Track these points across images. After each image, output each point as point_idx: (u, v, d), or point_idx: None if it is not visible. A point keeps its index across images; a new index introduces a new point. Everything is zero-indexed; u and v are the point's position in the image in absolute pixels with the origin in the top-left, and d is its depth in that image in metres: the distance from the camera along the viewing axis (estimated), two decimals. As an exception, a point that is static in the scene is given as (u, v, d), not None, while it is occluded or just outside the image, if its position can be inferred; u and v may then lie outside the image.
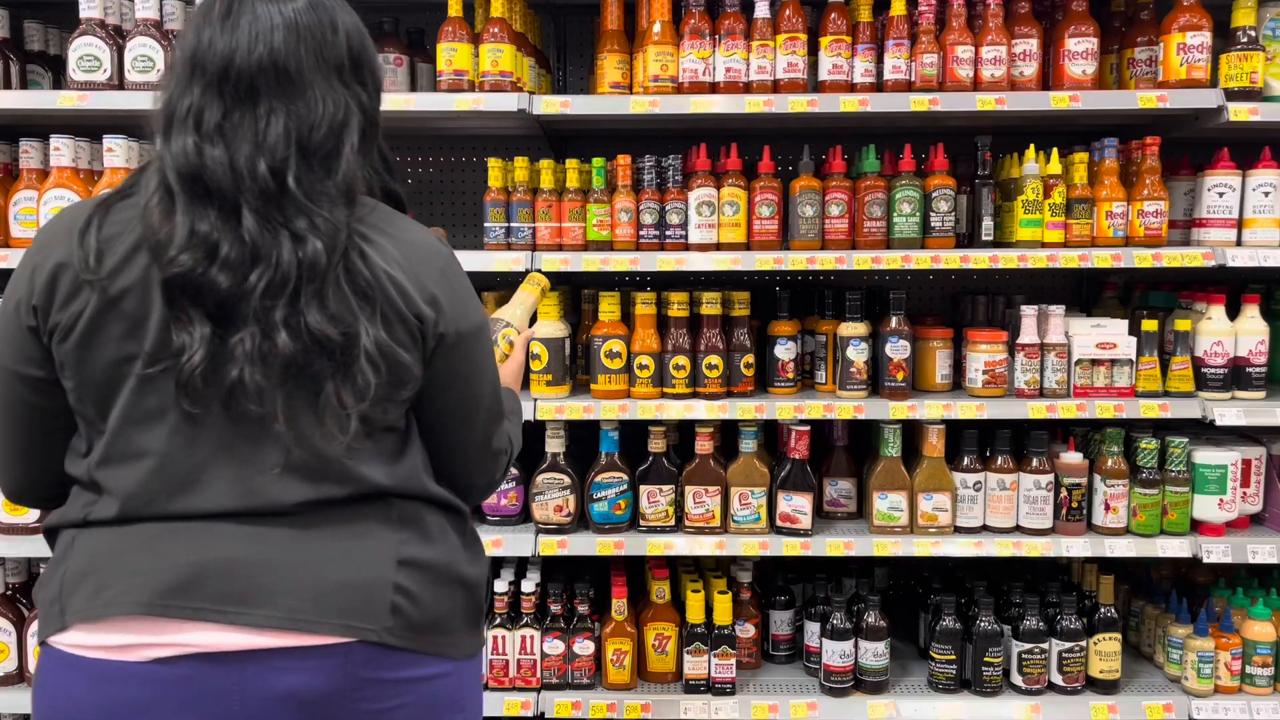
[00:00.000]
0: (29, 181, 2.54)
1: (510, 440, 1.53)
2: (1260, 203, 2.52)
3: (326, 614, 1.22)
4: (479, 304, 1.41)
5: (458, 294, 1.35)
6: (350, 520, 1.29)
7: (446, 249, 1.38)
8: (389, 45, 2.72)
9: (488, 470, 1.47)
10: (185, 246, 1.18)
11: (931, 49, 2.49)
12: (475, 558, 1.44)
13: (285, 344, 1.18)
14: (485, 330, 1.40)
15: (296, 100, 1.24)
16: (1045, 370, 2.55)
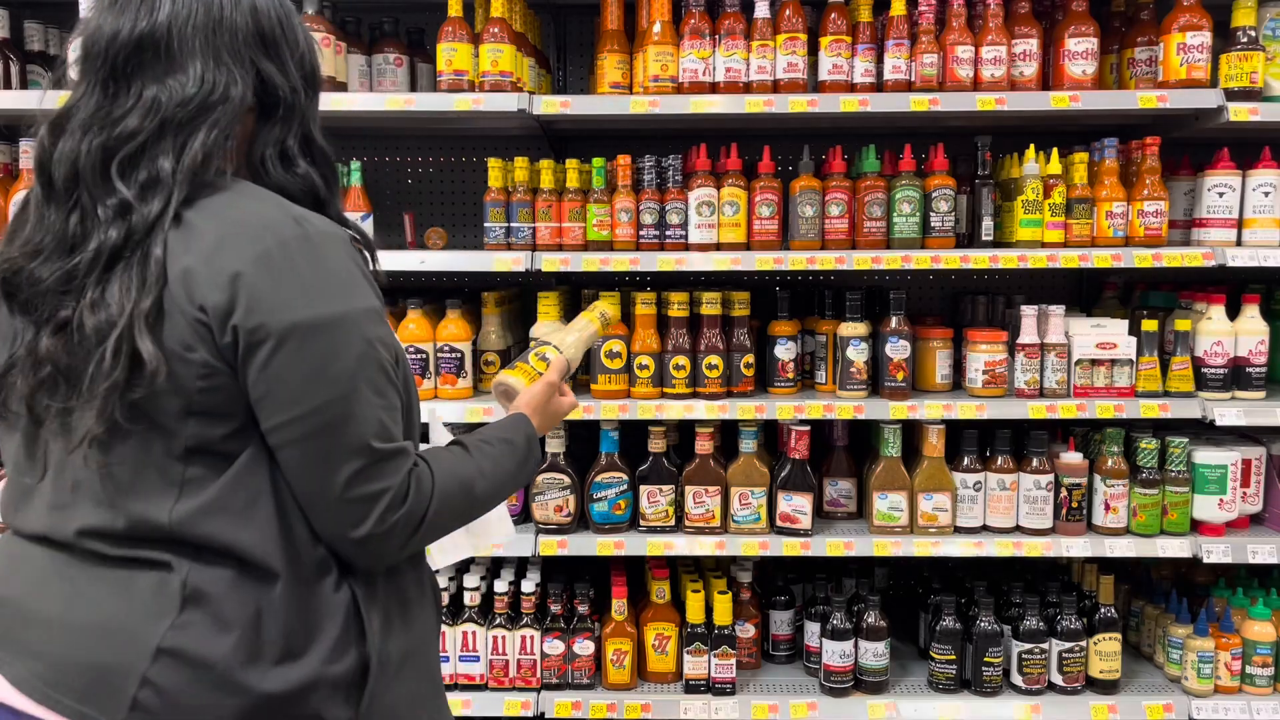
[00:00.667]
0: (29, 181, 2.54)
1: (432, 490, 1.20)
2: (1260, 203, 2.52)
3: (65, 692, 1.07)
4: (337, 297, 1.12)
5: (283, 280, 1.09)
6: (126, 571, 1.11)
7: (297, 229, 1.13)
8: (389, 45, 2.72)
9: (349, 519, 1.13)
10: (23, 244, 1.14)
11: (931, 49, 2.49)
12: (295, 661, 1.11)
13: (47, 344, 1.09)
14: (337, 329, 1.11)
15: (170, 77, 1.15)
16: (1045, 370, 2.55)
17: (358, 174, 2.56)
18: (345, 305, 1.13)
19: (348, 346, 1.12)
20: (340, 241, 1.18)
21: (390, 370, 1.18)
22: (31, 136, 1.22)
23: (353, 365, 1.12)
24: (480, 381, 2.67)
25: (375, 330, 1.17)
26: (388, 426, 1.16)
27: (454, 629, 2.55)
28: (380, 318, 1.18)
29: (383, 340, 1.17)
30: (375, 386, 1.15)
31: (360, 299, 1.16)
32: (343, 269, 1.15)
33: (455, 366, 2.57)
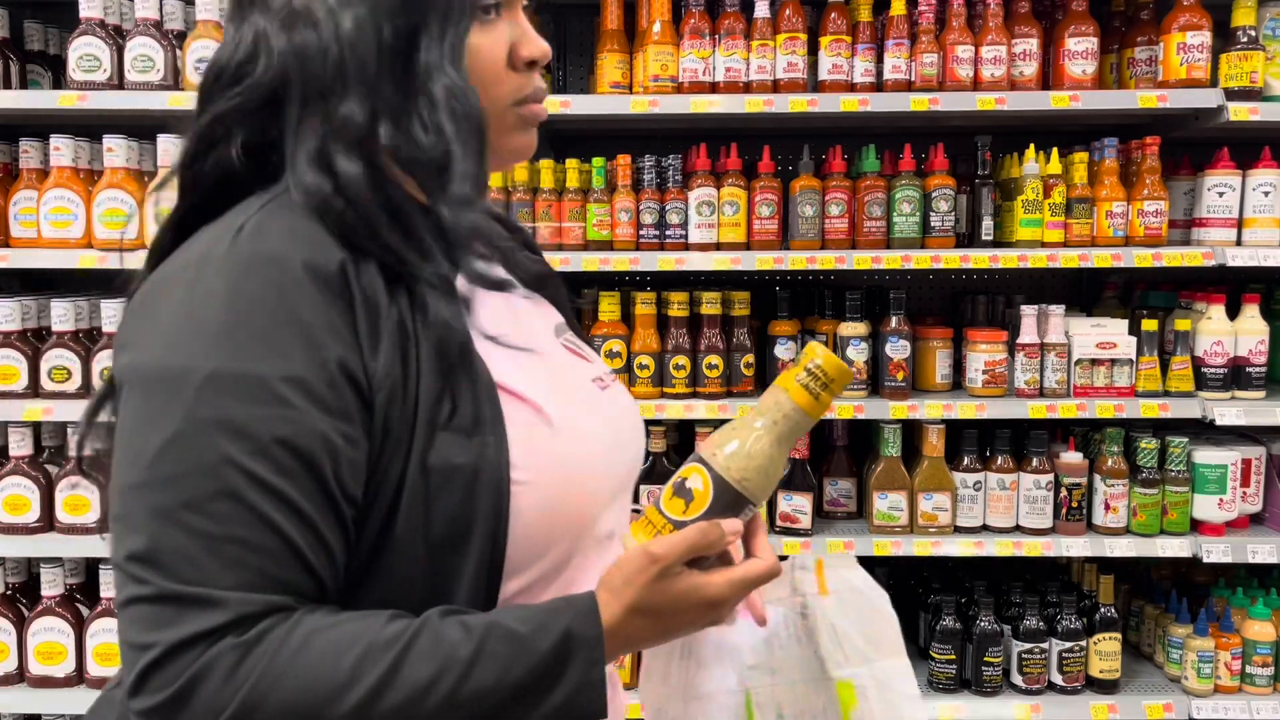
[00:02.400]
0: (29, 181, 2.54)
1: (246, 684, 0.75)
2: (1260, 202, 2.52)
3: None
4: (168, 342, 0.81)
5: (134, 320, 0.86)
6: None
7: (206, 260, 0.84)
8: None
9: (125, 669, 0.78)
10: None
11: (931, 49, 2.49)
12: None
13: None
14: (146, 381, 0.80)
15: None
16: (1045, 370, 2.55)
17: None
18: (164, 350, 0.80)
19: (164, 418, 0.78)
20: (270, 268, 0.82)
21: (245, 487, 0.77)
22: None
23: (142, 424, 0.79)
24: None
25: (230, 410, 0.77)
26: (190, 558, 0.76)
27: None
28: (268, 392, 0.78)
29: (254, 435, 0.77)
30: (180, 493, 0.76)
31: (225, 356, 0.78)
32: (239, 307, 0.80)
33: (455, 366, 2.57)
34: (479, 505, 0.85)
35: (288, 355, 0.79)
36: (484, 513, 0.86)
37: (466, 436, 0.86)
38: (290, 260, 0.82)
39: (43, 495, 2.52)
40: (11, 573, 2.61)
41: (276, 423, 0.78)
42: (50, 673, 2.52)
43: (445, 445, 0.85)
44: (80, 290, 2.78)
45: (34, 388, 2.53)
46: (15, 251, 2.50)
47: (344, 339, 0.83)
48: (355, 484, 0.83)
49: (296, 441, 0.78)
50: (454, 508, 0.85)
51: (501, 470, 0.86)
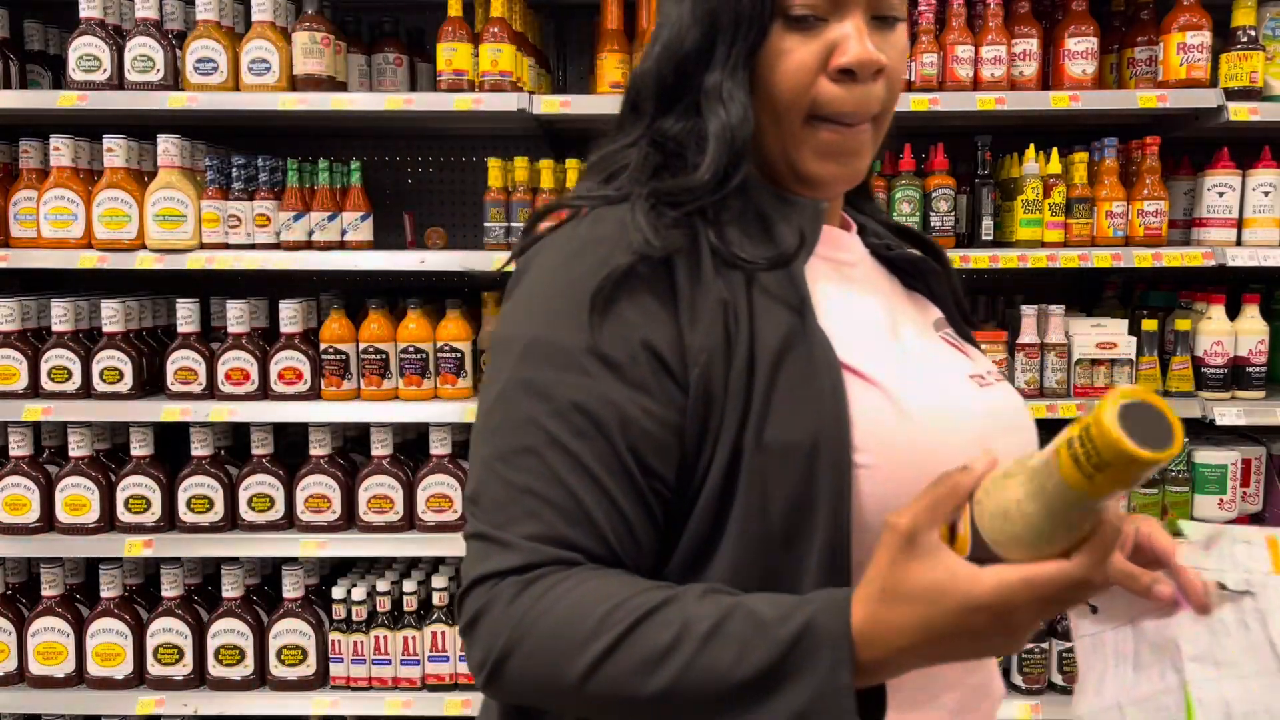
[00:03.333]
0: (29, 181, 2.54)
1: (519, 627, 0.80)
2: (1260, 202, 2.52)
3: None
4: (512, 313, 0.92)
5: (509, 287, 0.96)
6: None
7: (554, 243, 0.93)
8: (389, 45, 2.72)
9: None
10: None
11: (931, 48, 2.49)
12: None
13: None
14: (493, 347, 0.92)
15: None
16: (1045, 370, 2.55)
17: (357, 174, 2.57)
18: (518, 328, 0.88)
19: (496, 379, 0.88)
20: (596, 251, 0.88)
21: (543, 445, 0.82)
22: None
23: (488, 402, 0.88)
24: (480, 381, 2.66)
25: (538, 374, 0.84)
26: (499, 504, 0.83)
27: (454, 629, 2.55)
28: (572, 361, 0.84)
29: (554, 397, 0.83)
30: (497, 445, 0.85)
31: (542, 326, 0.86)
32: (562, 285, 0.87)
33: (455, 366, 2.57)
34: (820, 485, 0.82)
35: (595, 330, 0.84)
36: (825, 493, 0.82)
37: (804, 412, 0.83)
38: (616, 245, 0.87)
39: (42, 495, 2.52)
40: (11, 573, 2.61)
41: (574, 389, 0.83)
42: (50, 673, 2.52)
43: (782, 420, 0.83)
44: (80, 290, 2.78)
45: (34, 388, 2.53)
46: (15, 251, 2.50)
47: (657, 319, 0.85)
48: (659, 460, 0.83)
49: (589, 407, 0.82)
50: (793, 488, 0.82)
51: (843, 449, 0.82)
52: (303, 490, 2.55)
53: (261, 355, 2.53)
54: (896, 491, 0.81)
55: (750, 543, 0.83)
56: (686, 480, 0.85)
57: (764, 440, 0.82)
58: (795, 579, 0.82)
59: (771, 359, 0.84)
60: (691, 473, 0.84)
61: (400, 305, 2.65)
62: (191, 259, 2.48)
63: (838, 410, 0.83)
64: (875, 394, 0.86)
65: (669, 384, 0.83)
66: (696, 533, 0.84)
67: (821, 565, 0.82)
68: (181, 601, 2.53)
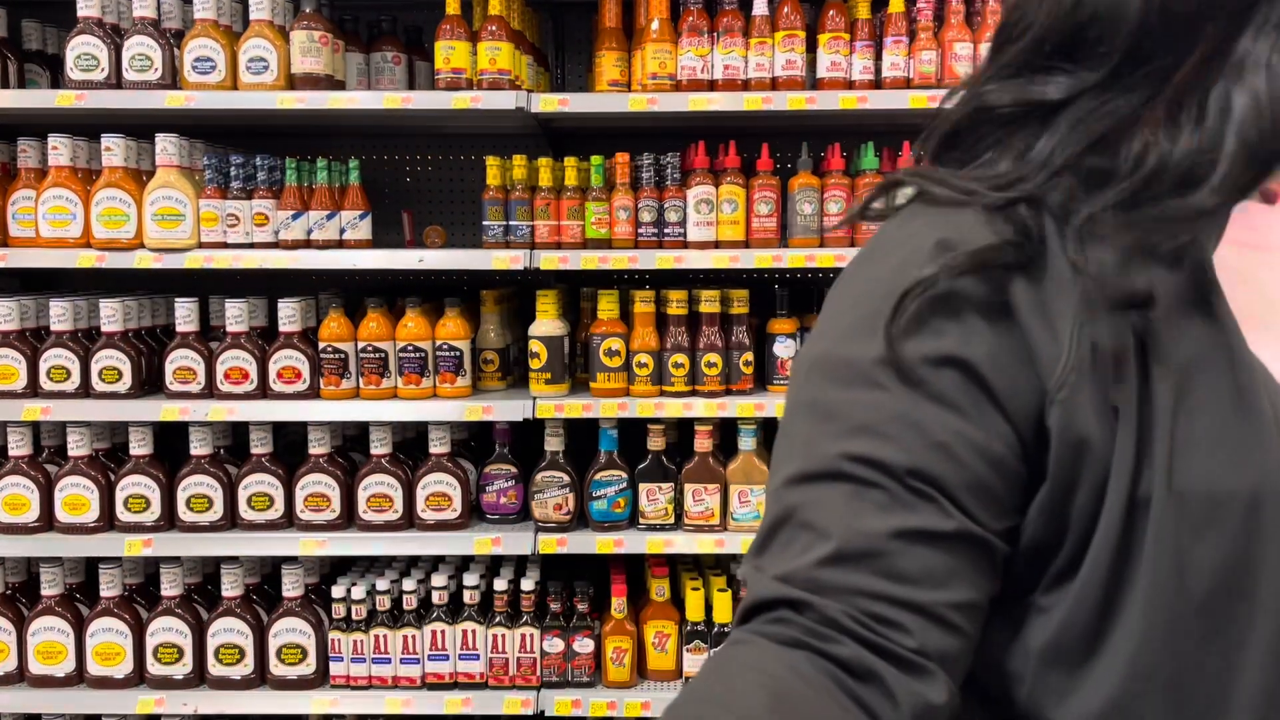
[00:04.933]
0: (27, 181, 2.53)
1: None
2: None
3: None
4: (816, 329, 0.76)
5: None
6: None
7: (877, 236, 0.77)
8: (387, 44, 2.72)
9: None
10: None
11: (930, 46, 2.49)
12: None
13: None
14: (794, 368, 0.75)
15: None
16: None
17: (356, 173, 2.56)
18: (809, 347, 0.75)
19: (788, 402, 0.74)
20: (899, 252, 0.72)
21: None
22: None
23: (780, 431, 0.74)
24: (479, 380, 2.67)
25: (822, 393, 0.70)
26: (771, 536, 0.68)
27: (454, 627, 2.55)
28: (860, 374, 0.68)
29: (835, 413, 0.68)
30: (781, 476, 0.69)
31: (831, 340, 0.72)
32: (849, 299, 0.73)
33: (454, 365, 2.57)
34: (1265, 547, 0.63)
35: (892, 338, 0.67)
36: (1271, 556, 0.63)
37: (1236, 450, 0.63)
38: (922, 243, 0.70)
39: (42, 495, 2.52)
40: (11, 572, 2.61)
41: (864, 408, 0.66)
42: (50, 672, 2.52)
43: (1204, 462, 0.63)
44: (79, 290, 2.78)
45: (33, 387, 2.53)
46: (13, 251, 2.50)
47: (981, 336, 0.66)
48: (974, 498, 0.64)
49: (881, 427, 0.66)
50: (1224, 550, 0.63)
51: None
52: (302, 489, 2.55)
53: (260, 354, 2.53)
54: None
55: (1163, 627, 0.63)
56: (1053, 544, 0.66)
57: (1177, 488, 0.63)
58: (1229, 671, 0.64)
59: (1177, 375, 0.65)
60: (1062, 533, 0.66)
61: (399, 304, 2.65)
62: (190, 258, 2.48)
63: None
64: None
65: (990, 409, 0.65)
66: (1080, 614, 0.65)
67: (1274, 659, 0.63)
68: (181, 601, 2.53)
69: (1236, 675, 0.64)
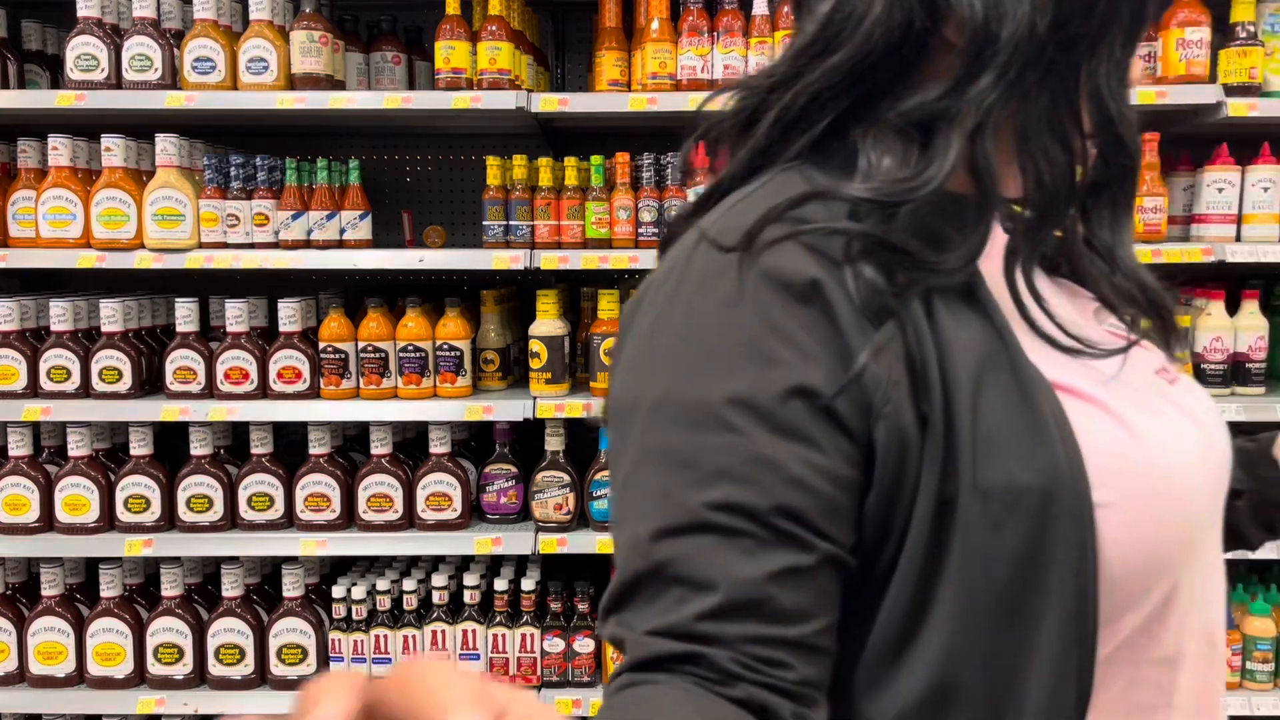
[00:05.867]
0: (27, 181, 2.53)
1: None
2: (1259, 198, 2.52)
3: None
4: (630, 367, 0.72)
5: (614, 356, 0.76)
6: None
7: (673, 271, 0.74)
8: (387, 43, 2.72)
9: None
10: None
11: (930, 45, 2.48)
12: None
13: None
14: (612, 415, 0.73)
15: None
16: (1045, 367, 2.55)
17: (356, 173, 2.56)
18: (645, 386, 0.70)
19: (622, 454, 0.71)
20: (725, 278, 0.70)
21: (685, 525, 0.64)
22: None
23: (617, 486, 0.71)
24: (479, 380, 2.67)
25: (670, 439, 0.67)
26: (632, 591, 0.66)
27: (454, 627, 2.55)
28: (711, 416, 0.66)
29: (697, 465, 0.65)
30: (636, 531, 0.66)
31: (672, 381, 0.68)
32: (676, 333, 0.70)
33: (454, 365, 2.57)
34: (1055, 538, 0.67)
35: (733, 374, 0.66)
36: (1063, 548, 0.67)
37: (1027, 447, 0.67)
38: (750, 268, 0.69)
39: (42, 495, 2.52)
40: (11, 573, 2.61)
41: (720, 452, 0.65)
42: (50, 672, 2.52)
43: (1002, 460, 0.67)
44: (79, 290, 2.78)
45: (33, 387, 2.53)
46: (13, 251, 2.50)
47: (810, 354, 0.67)
48: (831, 523, 0.65)
49: (740, 470, 0.65)
50: (1021, 542, 0.67)
51: (1080, 490, 0.67)
52: (302, 489, 2.55)
53: (260, 354, 2.53)
54: (1138, 535, 0.69)
55: (970, 615, 0.67)
56: (877, 548, 0.69)
57: (982, 486, 0.66)
58: (1026, 655, 0.67)
59: (971, 383, 0.68)
60: (884, 537, 0.68)
61: (399, 304, 2.65)
62: (190, 258, 2.48)
63: (1068, 445, 0.68)
64: (1099, 415, 0.70)
65: (836, 434, 0.66)
66: (897, 609, 0.68)
67: (1062, 638, 0.67)
68: (181, 601, 2.53)
69: (1033, 653, 0.68)
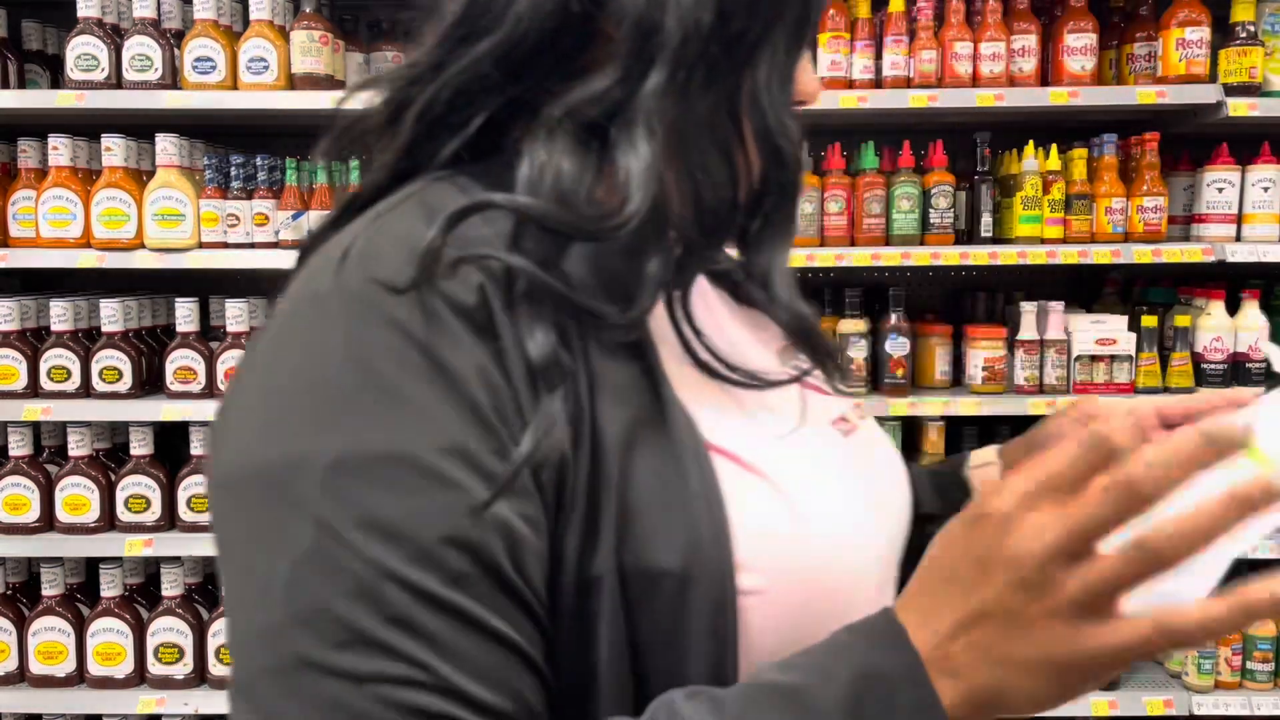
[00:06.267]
0: (27, 181, 2.53)
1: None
2: (1260, 198, 2.52)
3: None
4: (270, 423, 0.57)
5: (232, 406, 0.61)
6: None
7: (317, 299, 0.61)
8: (387, 43, 2.72)
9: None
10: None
11: (930, 45, 2.48)
12: None
13: None
14: (253, 488, 0.55)
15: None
16: (1045, 366, 2.55)
17: (356, 173, 2.56)
18: (275, 441, 0.55)
19: (268, 527, 0.55)
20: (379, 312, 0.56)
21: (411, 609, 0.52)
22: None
23: (264, 541, 0.55)
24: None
25: (380, 504, 0.53)
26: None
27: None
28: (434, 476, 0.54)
29: (410, 535, 0.53)
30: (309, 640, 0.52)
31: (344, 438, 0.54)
32: (377, 366, 0.55)
33: (454, 365, 2.57)
34: (691, 624, 0.58)
35: (434, 418, 0.54)
36: (699, 634, 0.59)
37: (672, 524, 0.58)
38: (419, 298, 0.57)
39: (42, 495, 2.52)
40: (12, 573, 2.61)
41: (438, 513, 0.53)
42: (51, 672, 2.52)
43: (644, 538, 0.58)
44: (79, 290, 2.78)
45: (33, 387, 2.52)
46: (14, 251, 2.49)
47: (497, 388, 0.56)
48: (540, 580, 0.58)
49: (468, 535, 0.54)
50: (660, 625, 0.59)
51: (723, 574, 0.59)
52: (302, 489, 2.54)
53: (261, 354, 2.53)
54: (789, 624, 0.61)
55: (618, 686, 0.59)
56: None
57: (623, 566, 0.58)
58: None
59: (620, 446, 0.59)
60: (552, 593, 0.59)
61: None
62: (190, 258, 2.48)
63: (715, 518, 0.59)
64: (758, 487, 0.62)
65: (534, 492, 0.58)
66: (562, 678, 0.59)
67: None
68: (182, 600, 2.53)
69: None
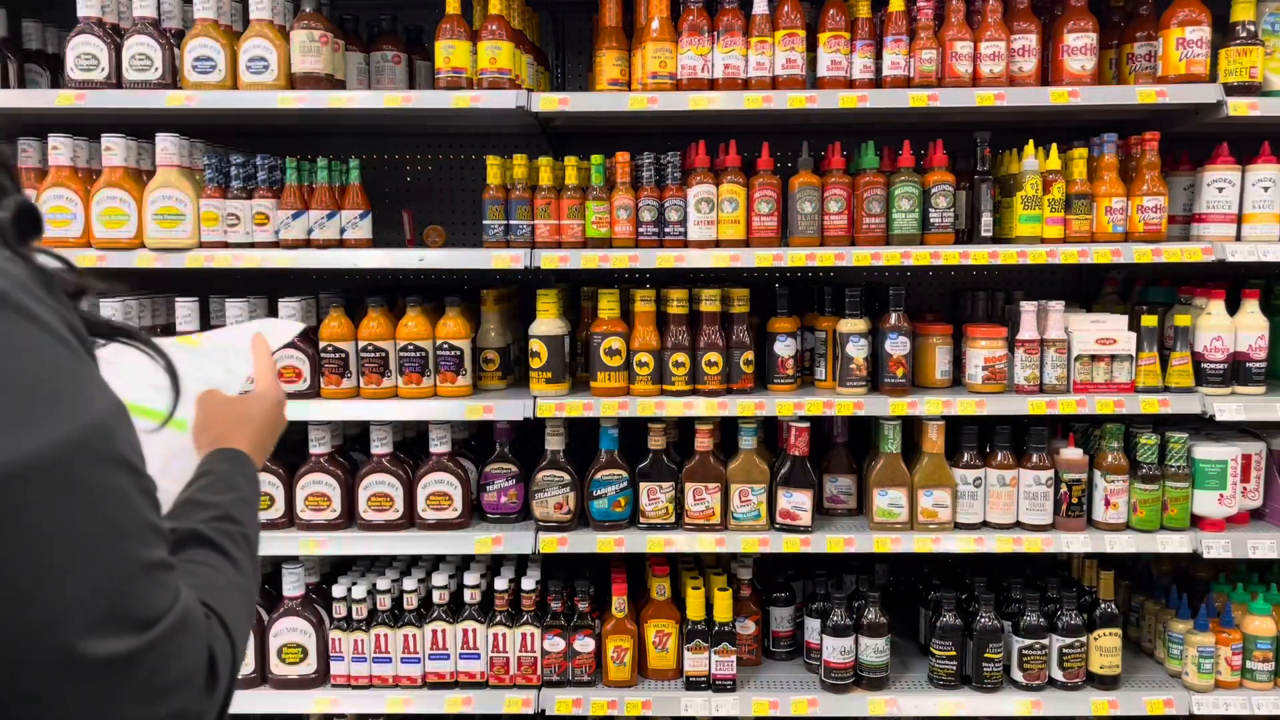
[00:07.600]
0: (27, 181, 2.53)
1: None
2: (1260, 198, 2.52)
3: None
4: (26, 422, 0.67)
5: None
6: None
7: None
8: (387, 43, 2.72)
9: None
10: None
11: (930, 45, 2.48)
12: None
13: None
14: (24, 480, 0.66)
15: None
16: (1045, 366, 2.55)
17: (356, 172, 2.56)
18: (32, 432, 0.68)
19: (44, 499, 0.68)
20: None
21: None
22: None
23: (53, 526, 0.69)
24: (480, 379, 2.67)
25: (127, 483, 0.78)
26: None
27: (454, 626, 2.55)
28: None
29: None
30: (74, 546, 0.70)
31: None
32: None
33: (454, 364, 2.57)
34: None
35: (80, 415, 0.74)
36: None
37: None
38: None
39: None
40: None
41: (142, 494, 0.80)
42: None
43: None
44: (79, 289, 2.78)
45: (33, 387, 2.52)
46: (14, 251, 2.49)
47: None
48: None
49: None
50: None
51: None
52: (303, 489, 2.55)
53: (261, 354, 2.53)
54: None
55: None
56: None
57: None
58: None
59: None
60: None
61: (399, 303, 2.65)
62: (190, 258, 2.48)
63: None
64: None
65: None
66: None
67: None
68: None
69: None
